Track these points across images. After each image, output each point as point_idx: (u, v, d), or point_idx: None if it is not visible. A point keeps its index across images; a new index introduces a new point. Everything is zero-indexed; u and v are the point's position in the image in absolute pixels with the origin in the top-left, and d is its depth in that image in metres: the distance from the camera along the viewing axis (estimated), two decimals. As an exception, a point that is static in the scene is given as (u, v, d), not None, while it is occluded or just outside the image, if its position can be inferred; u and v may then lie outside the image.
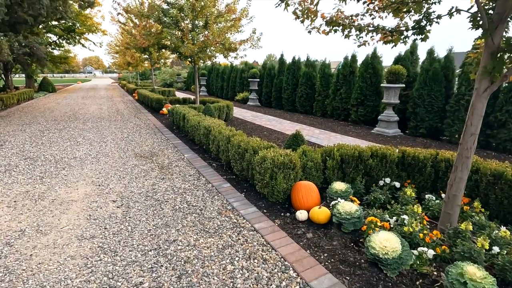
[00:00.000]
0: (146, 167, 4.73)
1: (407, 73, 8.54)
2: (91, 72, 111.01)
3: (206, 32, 8.79)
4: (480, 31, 2.52)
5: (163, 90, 17.31)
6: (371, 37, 3.00)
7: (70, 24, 23.18)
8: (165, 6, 8.40)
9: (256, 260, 2.39)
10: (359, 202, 3.13)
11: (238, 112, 11.76)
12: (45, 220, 3.01)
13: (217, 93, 20.08)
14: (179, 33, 8.22)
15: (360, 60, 10.36)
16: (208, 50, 9.11)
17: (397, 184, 3.64)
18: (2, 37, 11.28)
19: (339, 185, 3.31)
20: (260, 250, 2.51)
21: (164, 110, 10.63)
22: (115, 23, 16.75)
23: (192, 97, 12.07)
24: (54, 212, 3.18)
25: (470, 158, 2.51)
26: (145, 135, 7.16)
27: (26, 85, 22.20)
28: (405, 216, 2.65)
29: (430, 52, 8.48)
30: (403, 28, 2.79)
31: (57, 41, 25.13)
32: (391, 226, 2.69)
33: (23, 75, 23.96)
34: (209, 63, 10.04)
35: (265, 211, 3.28)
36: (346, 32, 3.14)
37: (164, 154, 5.55)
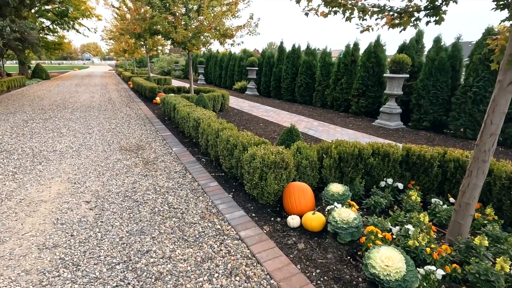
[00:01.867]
0: (129, 162, 4.40)
1: (411, 63, 8.09)
2: (89, 59, 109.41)
3: (200, 17, 8.29)
4: (504, 13, 2.14)
5: (159, 78, 16.81)
6: (376, 19, 2.59)
7: (63, 8, 22.40)
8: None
9: (238, 278, 2.08)
10: (358, 207, 2.81)
11: (235, 102, 11.35)
12: (6, 225, 2.69)
13: (215, 82, 19.57)
14: (171, 17, 7.72)
15: (362, 48, 9.89)
16: (202, 36, 8.63)
17: (400, 185, 3.32)
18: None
19: (336, 187, 2.98)
20: (244, 265, 2.20)
21: (157, 99, 10.21)
22: (109, 7, 16.11)
23: (188, 85, 11.62)
24: (19, 215, 2.86)
25: (487, 162, 2.16)
26: (134, 126, 6.79)
27: (20, 72, 21.65)
28: (409, 226, 2.33)
29: (437, 40, 8.01)
30: (414, 9, 2.39)
31: (50, 26, 24.36)
32: (394, 237, 2.37)
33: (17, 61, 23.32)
34: (204, 50, 9.54)
35: (253, 215, 2.96)
36: (347, 14, 2.74)
37: (151, 147, 5.20)
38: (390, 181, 3.32)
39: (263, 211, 3.06)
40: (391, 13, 2.53)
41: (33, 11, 21.21)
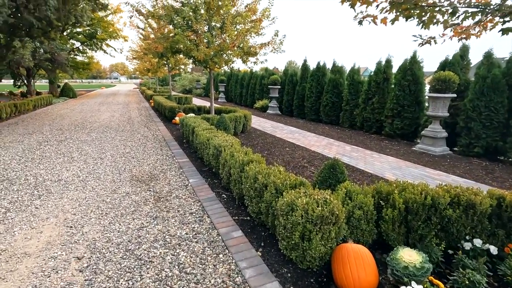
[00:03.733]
0: (139, 198, 3.76)
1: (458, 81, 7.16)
2: (116, 78, 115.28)
3: (223, 35, 7.90)
4: None
5: (180, 97, 16.69)
6: (476, 22, 1.84)
7: (92, 30, 23.41)
8: (177, 5, 7.59)
9: None
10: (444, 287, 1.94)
11: (257, 122, 10.74)
12: (-29, 293, 2.07)
13: (236, 100, 19.27)
14: (192, 35, 7.36)
15: (396, 66, 9.09)
16: (224, 54, 8.19)
17: (493, 249, 2.41)
18: (19, 42, 11.05)
19: (409, 255, 2.13)
20: None
21: (177, 119, 9.81)
22: (134, 28, 16.42)
23: (209, 104, 11.20)
24: (-8, 277, 2.24)
25: None
26: (149, 150, 6.25)
27: (49, 91, 22.51)
28: None
29: (488, 56, 7.07)
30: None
31: (79, 47, 25.50)
32: None
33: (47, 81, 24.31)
34: (226, 68, 9.14)
35: (292, 288, 2.17)
36: (425, 18, 2.01)
37: (166, 177, 4.58)
38: (478, 242, 2.43)
39: (304, 281, 2.25)
40: (497, 13, 1.77)
41: (65, 33, 22.29)
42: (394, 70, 9.24)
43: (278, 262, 2.47)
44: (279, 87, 13.90)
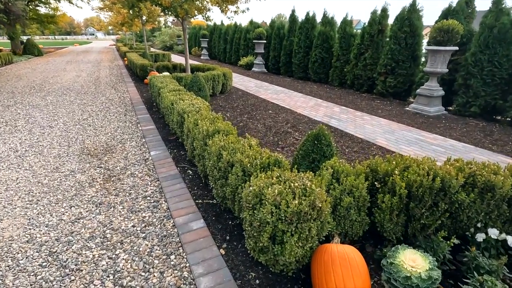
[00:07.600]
0: (85, 177, 3.10)
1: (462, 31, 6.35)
2: (93, 34, 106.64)
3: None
4: None
5: (156, 54, 15.20)
6: None
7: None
8: None
9: None
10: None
11: (240, 81, 9.82)
12: None
13: (220, 57, 17.82)
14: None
15: (392, 16, 8.11)
16: (198, 1, 7.00)
17: (511, 241, 1.95)
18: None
19: (412, 260, 1.62)
20: None
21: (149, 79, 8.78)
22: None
23: (190, 62, 10.05)
24: None
25: None
26: (111, 116, 5.43)
27: (12, 48, 20.22)
28: None
29: (497, 2, 6.19)
30: None
31: (41, -4, 22.45)
32: None
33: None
34: (201, 18, 7.95)
35: (260, 302, 1.67)
36: None
37: (124, 149, 3.88)
38: (494, 233, 1.94)
39: (276, 290, 1.75)
40: None
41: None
42: (390, 21, 8.26)
43: (245, 263, 1.95)
44: (265, 41, 12.67)
